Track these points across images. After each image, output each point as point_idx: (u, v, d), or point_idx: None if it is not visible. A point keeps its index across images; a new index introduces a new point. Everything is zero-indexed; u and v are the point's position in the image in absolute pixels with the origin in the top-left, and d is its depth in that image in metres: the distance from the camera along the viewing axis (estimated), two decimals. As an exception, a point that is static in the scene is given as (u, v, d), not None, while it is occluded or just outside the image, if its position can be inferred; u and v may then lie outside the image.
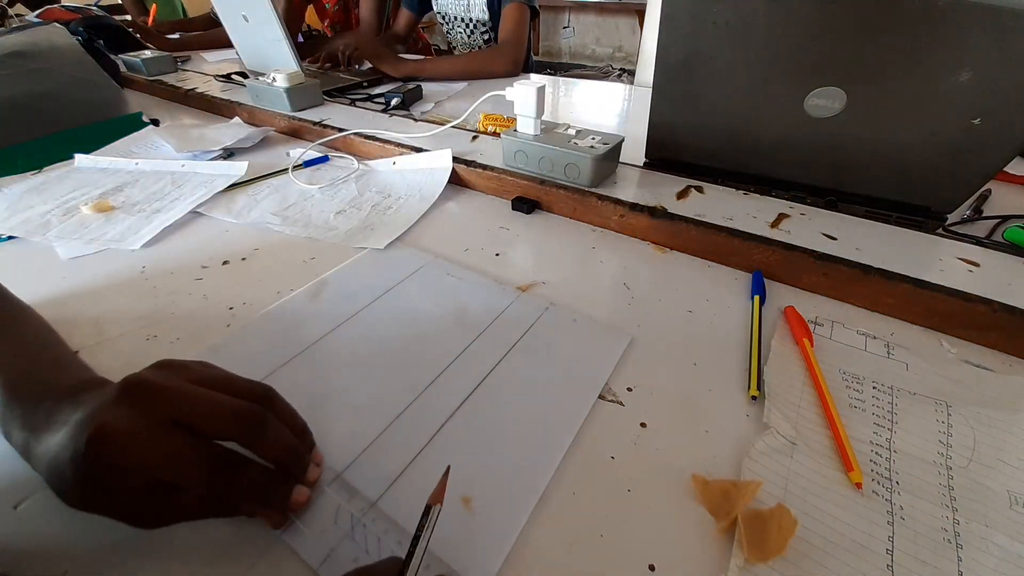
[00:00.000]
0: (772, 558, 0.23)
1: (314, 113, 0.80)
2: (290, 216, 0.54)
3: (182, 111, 0.94)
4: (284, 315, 0.39)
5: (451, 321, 0.38)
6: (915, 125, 0.43)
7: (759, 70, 0.47)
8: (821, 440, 0.29)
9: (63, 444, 0.21)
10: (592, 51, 3.87)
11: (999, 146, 0.41)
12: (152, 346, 0.36)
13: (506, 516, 0.25)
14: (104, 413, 0.21)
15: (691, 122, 0.54)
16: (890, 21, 0.40)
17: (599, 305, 0.40)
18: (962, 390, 0.32)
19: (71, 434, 0.21)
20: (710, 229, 0.45)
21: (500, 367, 0.34)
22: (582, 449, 0.28)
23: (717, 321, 0.38)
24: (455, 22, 1.25)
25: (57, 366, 0.29)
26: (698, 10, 0.46)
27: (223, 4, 0.93)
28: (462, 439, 0.29)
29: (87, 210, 0.54)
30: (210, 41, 1.36)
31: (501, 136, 0.57)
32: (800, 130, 0.48)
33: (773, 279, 0.43)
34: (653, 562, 0.23)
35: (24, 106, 0.73)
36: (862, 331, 0.37)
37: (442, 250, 0.48)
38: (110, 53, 1.02)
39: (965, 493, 0.26)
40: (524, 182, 0.55)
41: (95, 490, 0.21)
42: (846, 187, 0.50)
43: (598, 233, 0.51)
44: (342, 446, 0.28)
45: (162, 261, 0.46)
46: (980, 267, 0.40)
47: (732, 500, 0.25)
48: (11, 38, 0.76)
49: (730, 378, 0.33)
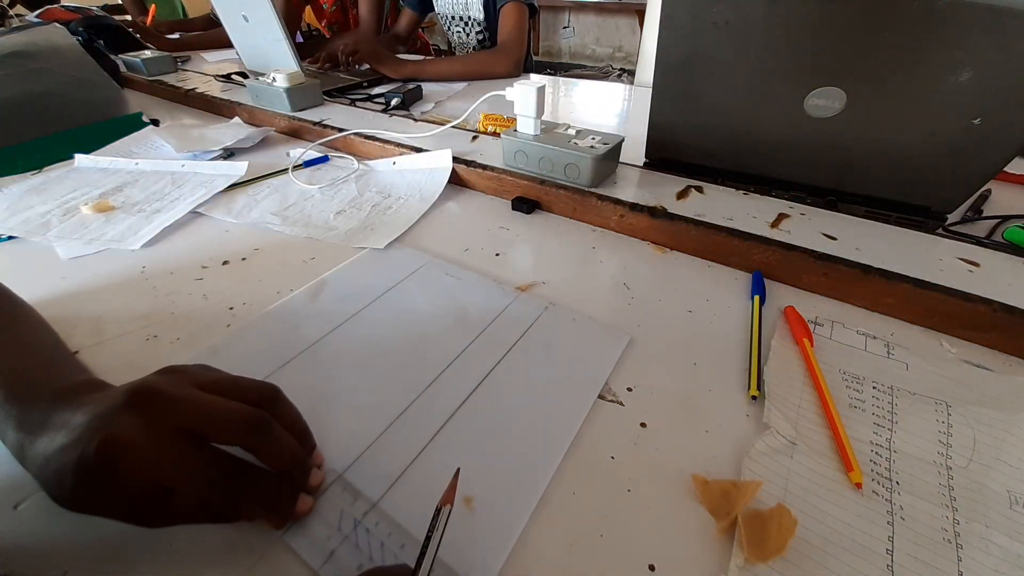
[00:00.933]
0: (772, 558, 0.23)
1: (314, 113, 0.80)
2: (290, 216, 0.54)
3: (182, 111, 0.94)
4: (284, 315, 0.39)
5: (451, 321, 0.38)
6: (915, 125, 0.43)
7: (759, 70, 0.47)
8: (821, 440, 0.29)
9: (63, 447, 0.21)
10: (592, 51, 3.87)
11: (999, 146, 0.41)
12: (152, 346, 0.36)
13: (507, 516, 0.25)
14: (113, 421, 0.21)
15: (691, 122, 0.54)
16: (890, 21, 0.40)
17: (599, 305, 0.40)
18: (962, 390, 0.32)
19: (74, 438, 0.21)
20: (710, 229, 0.45)
21: (500, 367, 0.34)
22: (582, 449, 0.28)
23: (717, 321, 0.38)
24: (454, 21, 1.25)
25: (53, 366, 0.29)
26: (698, 10, 0.46)
27: (223, 4, 0.93)
28: (463, 439, 0.29)
29: (87, 210, 0.54)
30: (210, 41, 1.36)
31: (501, 136, 0.57)
32: (800, 130, 0.48)
33: (773, 279, 0.43)
34: (653, 562, 0.23)
35: (24, 106, 0.73)
36: (862, 331, 0.37)
37: (442, 250, 0.48)
38: (110, 53, 1.02)
39: (965, 493, 0.26)
40: (524, 182, 0.55)
41: (97, 494, 0.21)
42: (846, 187, 0.50)
43: (598, 233, 0.51)
44: (343, 446, 0.28)
45: (162, 261, 0.46)
46: (980, 267, 0.40)
47: (732, 500, 0.25)
48: (11, 38, 0.76)
49: (730, 378, 0.33)
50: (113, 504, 0.21)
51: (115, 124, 0.78)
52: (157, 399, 0.22)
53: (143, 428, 0.21)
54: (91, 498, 0.21)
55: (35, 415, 0.24)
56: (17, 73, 0.73)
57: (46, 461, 0.21)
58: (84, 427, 0.21)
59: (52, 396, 0.24)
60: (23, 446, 0.23)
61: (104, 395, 0.23)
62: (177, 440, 0.21)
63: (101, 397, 0.23)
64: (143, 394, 0.22)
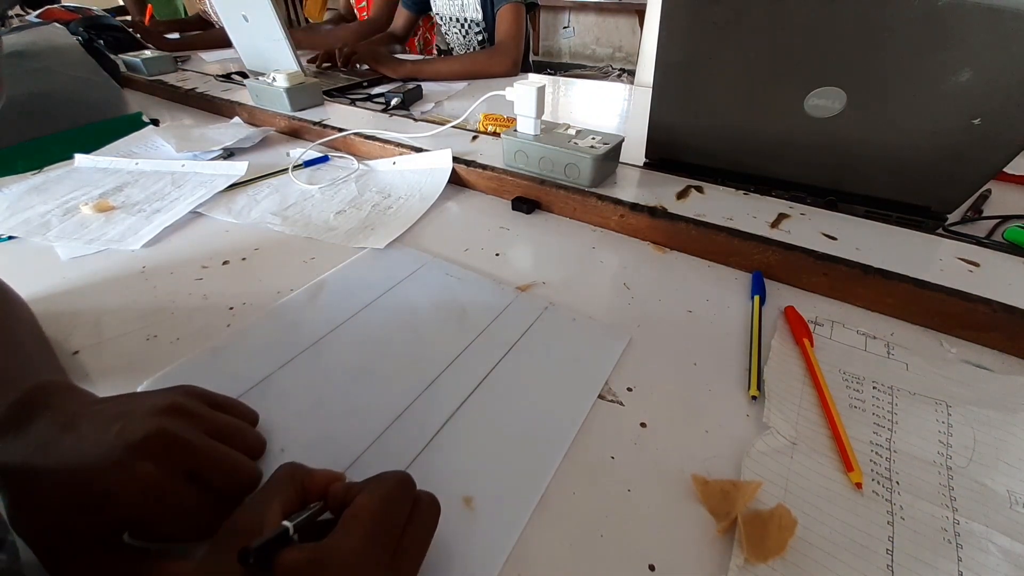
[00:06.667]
0: (772, 558, 0.23)
1: (314, 113, 0.80)
2: (290, 216, 0.54)
3: (182, 111, 0.93)
4: (284, 315, 0.39)
5: (451, 321, 0.38)
6: (915, 125, 0.43)
7: (759, 70, 0.47)
8: (821, 440, 0.29)
9: (36, 456, 0.21)
10: (592, 51, 3.87)
11: (999, 146, 0.41)
12: (152, 346, 0.36)
13: (507, 516, 0.25)
14: (127, 463, 0.21)
15: (691, 122, 0.54)
16: (890, 21, 0.40)
17: (599, 305, 0.40)
18: (962, 390, 0.32)
19: (63, 460, 0.21)
20: (710, 229, 0.45)
21: (500, 367, 0.34)
22: (582, 449, 0.28)
23: (717, 321, 0.38)
24: (450, 23, 1.25)
25: (14, 357, 0.29)
26: (698, 10, 0.46)
27: (223, 4, 0.93)
28: (463, 439, 0.29)
29: (87, 210, 0.54)
30: (210, 41, 1.36)
31: (501, 136, 0.57)
32: (800, 130, 0.48)
33: (773, 279, 0.43)
34: (653, 562, 0.23)
35: (24, 106, 0.72)
36: (862, 331, 0.37)
37: (442, 250, 0.48)
38: (110, 53, 1.02)
39: (965, 493, 0.26)
40: (524, 182, 0.55)
41: (66, 521, 0.21)
42: (846, 187, 0.50)
43: (598, 233, 0.51)
44: (343, 446, 0.28)
45: (162, 261, 0.46)
46: (980, 267, 0.40)
47: (732, 500, 0.25)
48: (11, 38, 0.76)
49: (730, 378, 0.33)
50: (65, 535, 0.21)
51: (115, 124, 0.78)
52: (172, 445, 0.22)
53: (157, 474, 0.21)
54: (56, 520, 0.21)
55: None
56: (17, 73, 0.73)
57: (13, 464, 0.22)
58: (77, 452, 0.21)
59: (14, 392, 0.24)
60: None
61: (103, 419, 0.23)
62: (187, 486, 0.22)
63: (104, 422, 0.23)
64: (159, 440, 0.22)
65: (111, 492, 0.20)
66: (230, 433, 0.26)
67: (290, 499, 0.21)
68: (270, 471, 0.23)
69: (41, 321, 0.36)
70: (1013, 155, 0.42)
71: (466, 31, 1.24)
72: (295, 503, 0.22)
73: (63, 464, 0.21)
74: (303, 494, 0.22)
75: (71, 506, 0.20)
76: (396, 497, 0.21)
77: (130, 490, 0.21)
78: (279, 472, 0.23)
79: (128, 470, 0.21)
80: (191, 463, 0.22)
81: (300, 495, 0.22)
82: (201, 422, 0.24)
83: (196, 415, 0.25)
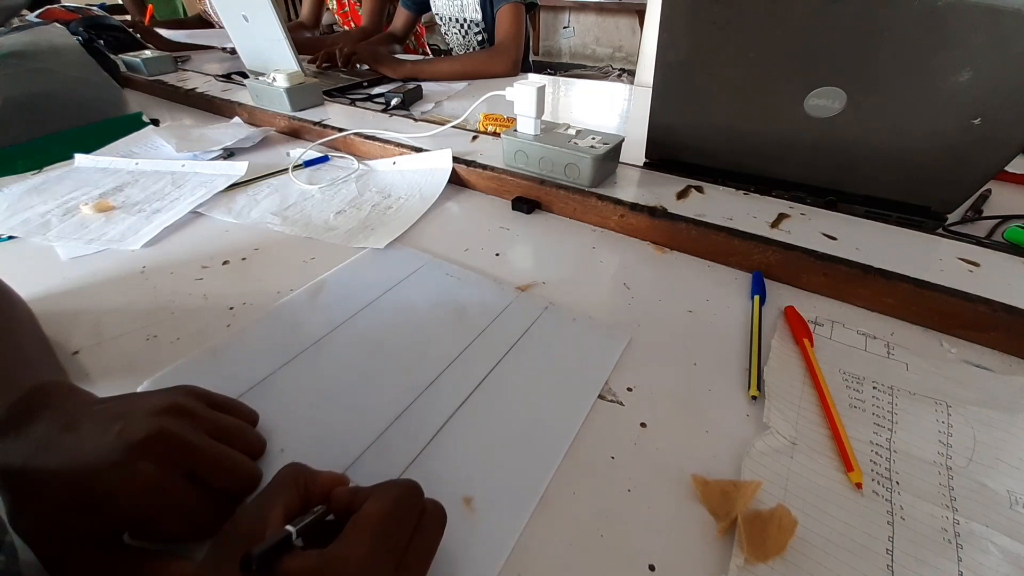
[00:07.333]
0: (772, 558, 0.23)
1: (314, 113, 0.80)
2: (290, 216, 0.54)
3: (182, 111, 0.93)
4: (284, 315, 0.39)
5: (451, 321, 0.38)
6: (915, 125, 0.43)
7: (759, 70, 0.47)
8: (821, 440, 0.29)
9: (36, 456, 0.21)
10: (592, 51, 3.87)
11: (999, 146, 0.41)
12: (152, 346, 0.36)
13: (507, 516, 0.25)
14: (128, 463, 0.21)
15: (691, 122, 0.54)
16: (890, 21, 0.40)
17: (599, 305, 0.40)
18: (962, 390, 0.32)
19: (63, 461, 0.21)
20: (710, 229, 0.45)
21: (500, 367, 0.34)
22: (582, 449, 0.28)
23: (717, 321, 0.38)
24: (450, 23, 1.25)
25: (14, 357, 0.29)
26: (698, 10, 0.46)
27: (223, 4, 0.93)
28: (463, 439, 0.29)
29: (87, 210, 0.53)
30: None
31: (501, 136, 0.57)
32: (800, 130, 0.48)
33: (773, 279, 0.43)
34: (653, 562, 0.23)
35: (24, 106, 0.72)
36: (862, 331, 0.37)
37: (442, 250, 0.48)
38: (110, 53, 1.02)
39: (965, 493, 0.26)
40: (524, 182, 0.55)
41: (70, 520, 0.21)
42: (846, 187, 0.50)
43: (598, 233, 0.51)
44: (343, 446, 0.28)
45: (162, 261, 0.46)
46: (980, 267, 0.40)
47: (732, 500, 0.25)
48: (11, 38, 0.76)
49: (730, 378, 0.33)
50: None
51: (115, 124, 0.78)
52: (172, 445, 0.22)
53: (158, 474, 0.21)
54: (61, 518, 0.21)
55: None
56: (17, 73, 0.73)
57: (12, 465, 0.22)
58: (79, 451, 0.21)
59: (13, 394, 0.24)
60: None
61: (102, 420, 0.23)
62: (187, 487, 0.22)
63: (103, 424, 0.23)
64: (158, 440, 0.22)
65: (111, 492, 0.20)
66: (230, 433, 0.26)
67: (293, 501, 0.21)
68: (270, 471, 0.23)
69: (41, 321, 0.36)
70: (1013, 155, 0.42)
71: (466, 31, 1.24)
72: (298, 505, 0.21)
73: (63, 464, 0.21)
74: (306, 496, 0.22)
75: (71, 506, 0.20)
76: (404, 506, 0.21)
77: (130, 490, 0.21)
78: (282, 473, 0.22)
79: (128, 470, 0.21)
80: (191, 463, 0.22)
81: (303, 497, 0.22)
82: (201, 422, 0.24)
83: (196, 415, 0.25)
